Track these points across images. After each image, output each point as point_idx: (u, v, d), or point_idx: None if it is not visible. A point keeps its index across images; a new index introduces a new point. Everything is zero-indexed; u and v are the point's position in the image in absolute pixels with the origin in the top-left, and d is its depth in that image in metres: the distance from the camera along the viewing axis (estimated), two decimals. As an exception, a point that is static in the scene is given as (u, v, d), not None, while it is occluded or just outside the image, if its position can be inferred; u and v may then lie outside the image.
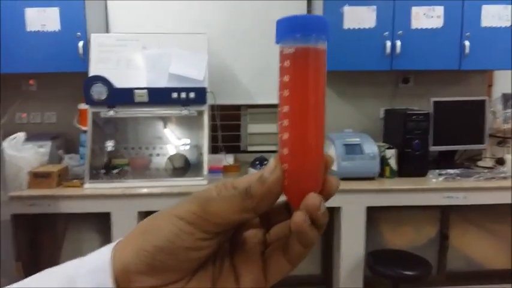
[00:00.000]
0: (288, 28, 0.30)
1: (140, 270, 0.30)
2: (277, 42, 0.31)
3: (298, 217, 0.29)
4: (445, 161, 2.58)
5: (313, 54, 0.30)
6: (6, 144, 2.10)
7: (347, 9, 2.49)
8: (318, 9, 2.63)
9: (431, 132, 2.45)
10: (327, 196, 0.31)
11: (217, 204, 0.30)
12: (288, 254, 0.32)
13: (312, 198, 0.30)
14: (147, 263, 0.29)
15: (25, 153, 2.22)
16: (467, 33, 2.48)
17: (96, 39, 2.40)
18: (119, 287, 0.30)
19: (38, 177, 2.19)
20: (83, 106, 2.44)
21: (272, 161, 0.31)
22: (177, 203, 0.31)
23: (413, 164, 2.39)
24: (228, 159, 2.59)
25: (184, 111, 2.37)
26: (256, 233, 0.34)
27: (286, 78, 0.30)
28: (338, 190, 0.32)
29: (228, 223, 0.30)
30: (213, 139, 2.74)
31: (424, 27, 2.49)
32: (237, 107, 2.92)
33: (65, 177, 2.30)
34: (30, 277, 0.33)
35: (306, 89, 0.30)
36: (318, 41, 0.30)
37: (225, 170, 2.50)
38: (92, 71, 2.34)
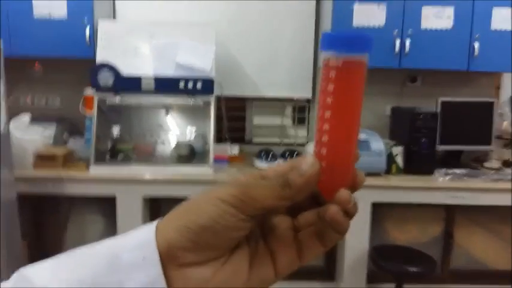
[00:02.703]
0: (337, 41, 0.33)
1: (184, 246, 0.31)
2: (323, 50, 0.34)
3: (333, 209, 0.33)
4: (452, 160, 2.58)
5: (358, 68, 0.33)
6: (12, 125, 2.08)
7: (357, 7, 2.48)
8: (328, 5, 2.62)
9: (439, 131, 2.45)
10: (355, 189, 0.35)
11: (258, 191, 0.32)
12: (322, 239, 0.35)
13: (344, 194, 0.34)
14: (191, 240, 0.31)
15: (30, 135, 2.21)
16: (477, 35, 2.47)
17: (104, 26, 2.39)
18: (162, 262, 0.31)
19: (43, 159, 2.18)
20: (88, 92, 2.42)
21: (310, 157, 0.34)
22: (215, 187, 0.33)
23: (420, 162, 2.38)
24: (234, 149, 2.58)
25: (191, 101, 2.35)
26: (285, 219, 0.37)
27: (330, 88, 0.33)
28: None
29: (265, 208, 0.33)
30: (218, 129, 2.73)
31: (433, 27, 2.48)
32: (243, 99, 2.90)
33: (70, 159, 2.28)
34: (70, 252, 0.33)
35: (348, 98, 0.33)
36: (363, 56, 0.33)
37: (230, 160, 2.49)
38: (99, 58, 2.32)
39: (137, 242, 0.32)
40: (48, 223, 2.50)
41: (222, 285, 0.33)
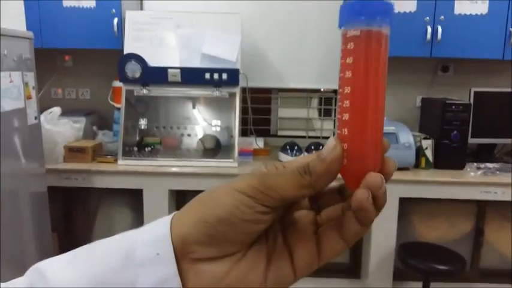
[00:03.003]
0: (354, 11, 0.31)
1: (199, 241, 0.30)
2: (341, 26, 0.32)
3: (361, 194, 0.30)
4: (484, 154, 2.49)
5: (377, 37, 0.30)
6: (42, 118, 2.13)
7: (386, -8, 2.39)
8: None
9: (471, 123, 2.36)
10: (385, 177, 0.31)
11: (276, 179, 0.30)
12: (343, 232, 0.33)
13: (375, 177, 0.30)
14: (207, 234, 0.30)
15: (61, 128, 2.26)
16: (514, 21, 2.35)
17: (131, 16, 2.40)
18: (177, 257, 0.30)
19: (73, 152, 2.23)
20: (117, 84, 2.45)
21: (332, 140, 0.31)
22: (233, 179, 0.32)
23: (450, 156, 2.31)
24: (259, 142, 2.57)
25: (216, 93, 2.35)
26: (308, 213, 0.35)
27: (349, 60, 0.31)
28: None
29: (286, 198, 0.31)
30: (243, 122, 2.72)
31: (467, 13, 2.37)
32: (268, 90, 2.88)
33: (98, 152, 2.33)
34: (82, 247, 0.33)
35: (369, 71, 0.31)
36: (382, 25, 0.30)
37: (255, 153, 2.49)
38: (126, 49, 2.34)
39: (152, 237, 0.31)
40: (77, 215, 2.57)
41: (237, 284, 0.31)
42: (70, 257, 0.32)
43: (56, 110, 2.26)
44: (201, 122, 2.46)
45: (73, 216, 2.57)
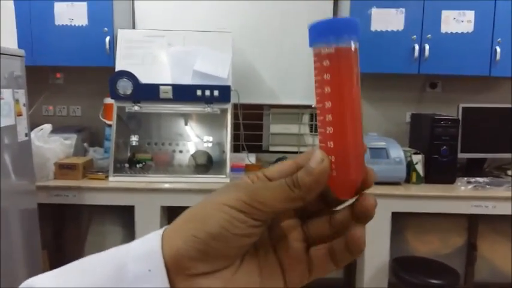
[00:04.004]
0: (326, 30, 0.33)
1: (192, 256, 0.30)
2: (312, 44, 0.33)
3: (359, 232, 0.32)
4: (474, 168, 2.52)
5: (350, 52, 0.32)
6: (33, 135, 2.12)
7: (375, 11, 2.45)
8: (345, 10, 2.60)
9: (460, 138, 2.39)
10: (368, 186, 0.34)
11: (265, 193, 0.31)
12: (335, 259, 0.34)
13: (371, 200, 0.33)
14: (200, 250, 0.30)
15: (51, 145, 2.24)
16: (499, 39, 2.42)
17: (123, 34, 2.42)
18: (169, 273, 0.30)
19: (63, 169, 2.21)
20: (108, 100, 2.45)
21: (318, 152, 0.32)
22: (219, 191, 0.32)
23: (441, 171, 2.33)
24: (250, 158, 2.58)
25: (208, 109, 2.36)
26: (295, 225, 0.35)
27: (327, 76, 0.32)
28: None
29: (276, 211, 0.31)
30: (235, 138, 2.73)
31: (454, 31, 2.44)
32: (260, 107, 2.90)
33: (89, 169, 2.31)
34: (72, 263, 0.32)
35: (347, 85, 0.32)
36: (353, 40, 0.32)
37: (247, 168, 2.49)
38: (118, 66, 2.35)
39: (143, 252, 0.31)
40: (68, 232, 2.53)
41: None
42: (60, 272, 0.32)
43: (47, 126, 2.25)
44: (193, 138, 2.47)
45: (64, 233, 2.53)
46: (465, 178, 2.31)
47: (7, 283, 1.69)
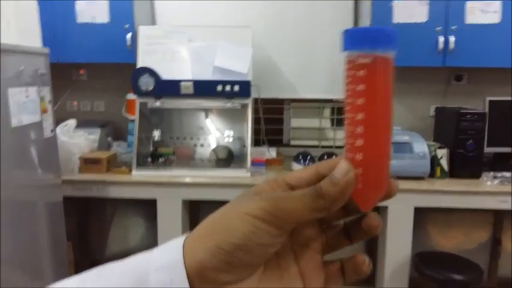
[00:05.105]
0: (365, 38, 0.32)
1: (216, 267, 0.30)
2: (347, 49, 0.33)
3: (362, 258, 0.35)
4: (501, 163, 2.45)
5: (387, 64, 0.31)
6: (58, 130, 2.17)
7: (397, 3, 2.40)
8: (366, 4, 2.56)
9: (486, 132, 2.33)
10: (389, 197, 0.34)
11: (289, 203, 0.31)
12: (344, 276, 0.36)
13: (375, 220, 0.34)
14: (224, 261, 0.30)
15: (76, 140, 2.30)
16: (526, 29, 2.34)
17: (144, 31, 2.44)
18: (191, 282, 0.30)
19: (88, 163, 2.26)
20: (130, 96, 2.49)
21: (344, 163, 0.32)
22: (239, 199, 0.32)
23: (466, 165, 2.28)
24: (271, 152, 2.57)
25: (229, 104, 2.37)
26: (316, 235, 0.36)
27: (361, 87, 0.31)
28: None
29: (300, 221, 0.31)
30: (256, 132, 2.73)
31: (479, 22, 2.37)
32: (281, 101, 2.89)
33: (113, 163, 2.36)
34: (92, 271, 0.33)
35: (381, 98, 0.32)
36: (391, 51, 0.31)
37: (268, 163, 2.48)
38: (139, 63, 2.38)
39: (165, 262, 0.31)
40: (92, 225, 2.60)
41: None
42: (80, 279, 0.32)
43: (72, 122, 2.30)
44: (214, 132, 2.48)
45: (88, 225, 2.59)
46: (491, 173, 2.25)
47: (34, 273, 1.75)
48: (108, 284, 0.31)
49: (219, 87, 2.32)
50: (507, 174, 2.24)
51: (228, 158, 2.39)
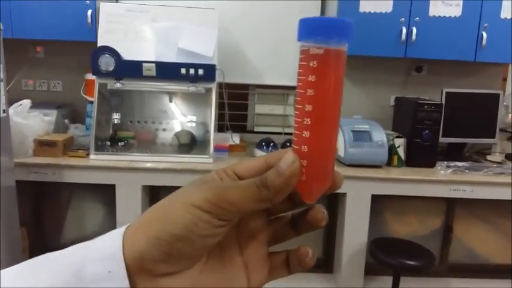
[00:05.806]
0: (318, 28, 0.31)
1: (156, 258, 0.29)
2: (301, 39, 0.32)
3: (306, 250, 0.35)
4: (454, 153, 2.56)
5: (340, 58, 0.31)
6: (11, 111, 2.07)
7: (364, -8, 2.42)
8: (334, -11, 2.56)
9: (442, 123, 2.42)
10: (334, 190, 0.34)
11: (233, 193, 0.30)
12: (289, 267, 0.36)
13: (319, 213, 0.34)
14: (164, 251, 0.29)
15: (31, 121, 2.20)
16: (486, 24, 2.42)
17: (105, 8, 2.35)
18: (130, 274, 0.29)
19: (43, 146, 2.18)
20: (89, 76, 2.40)
21: (290, 155, 0.31)
22: (186, 189, 0.31)
23: (422, 155, 2.36)
24: (235, 138, 2.57)
25: (192, 88, 2.33)
26: (262, 226, 0.35)
27: (311, 78, 0.31)
28: (345, 177, 0.35)
29: (243, 212, 0.31)
30: (220, 117, 2.71)
31: (441, 15, 2.42)
32: (245, 87, 2.88)
33: (70, 146, 2.28)
34: (31, 260, 0.31)
35: (331, 90, 0.31)
36: (345, 43, 0.31)
37: (231, 149, 2.48)
38: (100, 41, 2.29)
39: (103, 254, 0.30)
40: (47, 210, 2.51)
41: None
42: (18, 269, 0.31)
43: (26, 102, 2.19)
44: (177, 117, 2.44)
45: (43, 210, 2.51)
46: (445, 162, 2.34)
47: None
48: (45, 275, 0.30)
49: (183, 70, 2.27)
50: (460, 163, 2.34)
51: (190, 143, 2.36)
